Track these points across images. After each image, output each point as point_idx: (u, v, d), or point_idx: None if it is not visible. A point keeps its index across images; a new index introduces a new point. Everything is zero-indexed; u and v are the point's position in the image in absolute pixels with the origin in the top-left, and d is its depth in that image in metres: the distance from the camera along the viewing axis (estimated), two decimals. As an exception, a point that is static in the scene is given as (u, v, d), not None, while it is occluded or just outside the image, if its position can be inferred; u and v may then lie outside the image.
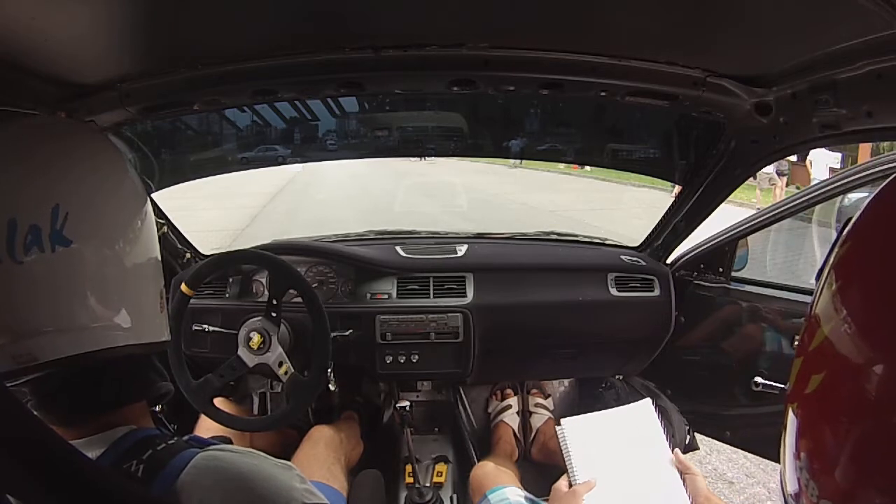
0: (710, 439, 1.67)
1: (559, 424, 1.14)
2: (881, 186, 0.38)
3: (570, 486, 1.05)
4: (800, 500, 0.37)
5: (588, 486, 1.04)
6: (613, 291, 1.57)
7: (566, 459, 1.09)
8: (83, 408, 0.55)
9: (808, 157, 7.36)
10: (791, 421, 0.39)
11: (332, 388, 1.40)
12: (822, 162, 7.62)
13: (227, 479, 0.52)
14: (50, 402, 0.55)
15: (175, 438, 0.57)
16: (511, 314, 1.55)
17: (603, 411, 1.17)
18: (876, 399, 0.32)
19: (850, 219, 0.39)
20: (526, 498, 1.16)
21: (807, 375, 0.37)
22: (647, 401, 1.17)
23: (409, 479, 1.49)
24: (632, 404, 1.19)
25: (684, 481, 1.03)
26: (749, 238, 1.48)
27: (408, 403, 1.51)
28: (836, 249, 0.38)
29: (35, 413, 0.51)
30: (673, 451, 1.08)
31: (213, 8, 0.74)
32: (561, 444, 1.11)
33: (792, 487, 0.38)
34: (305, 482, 0.58)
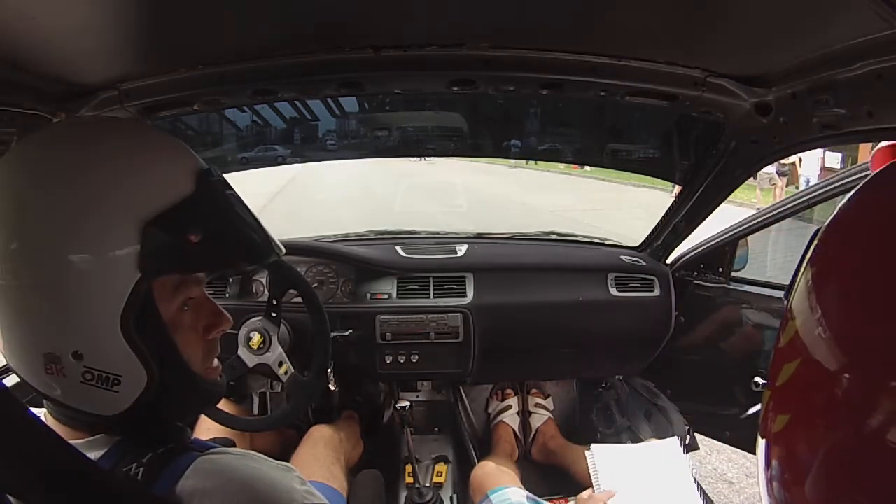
0: (710, 439, 1.67)
1: (588, 450, 1.18)
2: (857, 187, 0.38)
3: None
4: None
5: (608, 494, 1.05)
6: (613, 291, 1.57)
7: (593, 482, 1.12)
8: (81, 416, 0.54)
9: (799, 155, 7.31)
10: (762, 442, 0.38)
11: (332, 388, 1.40)
12: (814, 158, 7.55)
13: (227, 482, 0.52)
14: (52, 403, 0.55)
15: (175, 441, 0.57)
16: (511, 314, 1.55)
17: (632, 445, 1.22)
18: (847, 405, 0.31)
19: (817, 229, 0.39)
20: (528, 498, 1.16)
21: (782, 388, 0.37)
22: (675, 439, 1.21)
23: (409, 479, 1.49)
24: (661, 441, 1.23)
25: None
26: (749, 238, 1.49)
27: (408, 403, 1.51)
28: (811, 251, 0.38)
29: (36, 413, 0.51)
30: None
31: (213, 8, 0.74)
32: (589, 467, 1.15)
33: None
34: (305, 483, 0.58)
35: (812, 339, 0.33)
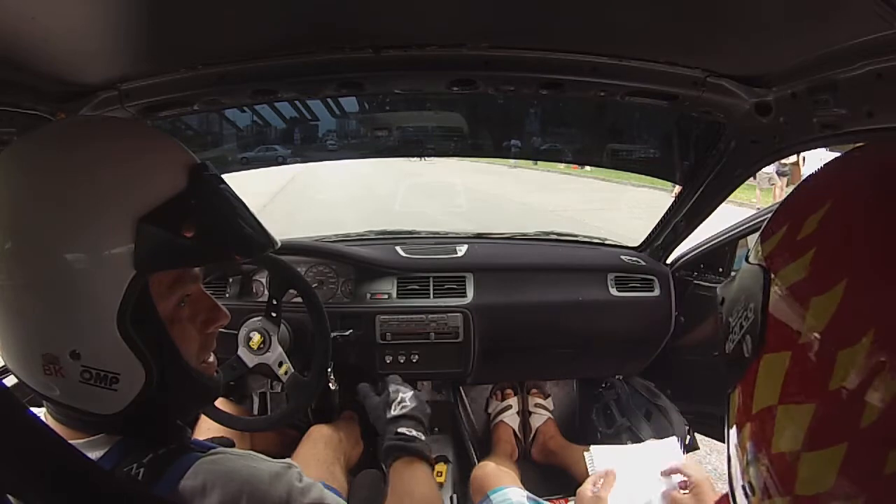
0: (710, 439, 1.67)
1: (588, 451, 1.19)
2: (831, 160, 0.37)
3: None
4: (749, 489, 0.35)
5: (610, 484, 1.05)
6: (613, 291, 1.57)
7: None
8: (81, 415, 0.54)
9: (802, 154, 7.31)
10: (732, 429, 0.36)
11: (332, 387, 1.40)
12: (818, 158, 7.56)
13: (227, 482, 0.52)
14: (52, 404, 0.55)
15: (176, 442, 0.57)
16: (511, 314, 1.55)
17: (630, 445, 1.21)
18: (814, 370, 0.29)
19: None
20: (528, 498, 1.16)
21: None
22: (673, 439, 1.22)
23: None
24: (659, 441, 1.22)
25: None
26: (749, 238, 1.49)
27: None
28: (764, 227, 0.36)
29: (36, 414, 0.51)
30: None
31: (213, 8, 0.74)
32: (588, 469, 1.15)
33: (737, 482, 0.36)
34: (304, 479, 0.58)
35: (777, 310, 0.32)
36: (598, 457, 1.17)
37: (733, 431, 0.37)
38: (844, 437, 0.29)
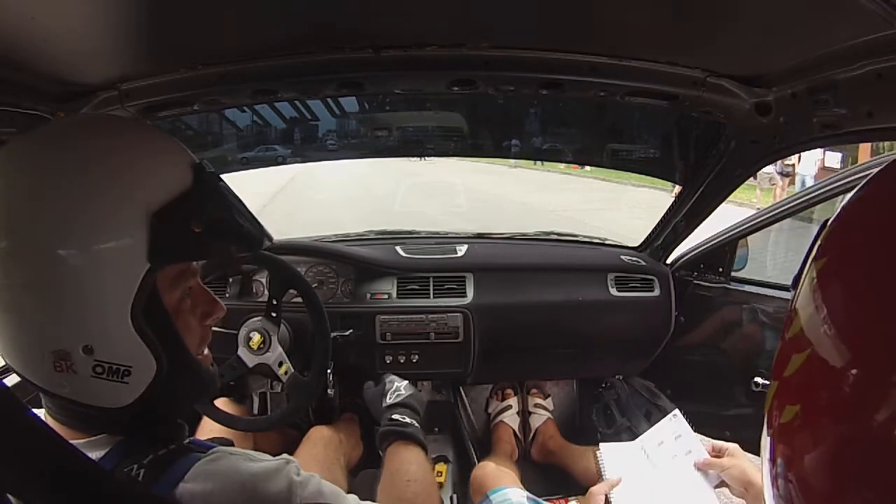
0: (710, 439, 1.67)
1: (598, 449, 1.19)
2: (864, 181, 0.37)
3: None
4: None
5: (610, 483, 1.05)
6: (613, 291, 1.58)
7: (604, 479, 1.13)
8: (88, 411, 0.54)
9: (798, 153, 7.34)
10: (767, 439, 0.37)
11: (332, 388, 1.40)
12: (812, 158, 7.59)
13: (227, 483, 0.53)
14: (55, 403, 0.55)
15: (176, 443, 0.57)
16: (511, 314, 1.55)
17: (638, 438, 1.22)
18: (855, 401, 0.30)
19: (826, 220, 0.37)
20: (528, 498, 1.16)
21: (784, 397, 0.36)
22: (676, 412, 1.21)
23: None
24: (661, 421, 1.22)
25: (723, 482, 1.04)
26: (749, 238, 1.49)
27: None
28: (816, 245, 0.36)
29: (36, 413, 0.51)
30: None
31: (213, 8, 0.74)
32: (601, 467, 1.16)
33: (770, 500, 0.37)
34: (301, 473, 0.59)
35: (817, 336, 0.33)
36: (609, 455, 1.16)
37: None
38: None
